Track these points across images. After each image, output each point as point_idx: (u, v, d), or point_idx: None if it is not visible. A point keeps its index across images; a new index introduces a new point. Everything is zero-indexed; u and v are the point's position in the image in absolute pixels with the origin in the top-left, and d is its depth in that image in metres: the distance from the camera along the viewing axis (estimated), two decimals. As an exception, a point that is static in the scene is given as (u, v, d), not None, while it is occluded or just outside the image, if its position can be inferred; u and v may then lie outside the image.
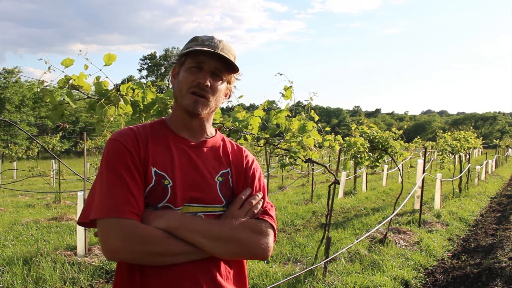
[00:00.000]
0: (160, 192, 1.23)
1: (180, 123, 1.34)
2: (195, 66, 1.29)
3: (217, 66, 1.30)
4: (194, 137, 1.35)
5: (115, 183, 1.19)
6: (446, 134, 11.14)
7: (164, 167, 1.25)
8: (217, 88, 1.31)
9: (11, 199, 11.04)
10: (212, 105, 1.32)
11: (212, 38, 1.32)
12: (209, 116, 1.38)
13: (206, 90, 1.28)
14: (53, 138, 15.40)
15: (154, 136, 1.32)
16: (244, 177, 1.39)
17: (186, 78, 1.29)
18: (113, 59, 2.36)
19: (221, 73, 1.32)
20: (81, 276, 4.34)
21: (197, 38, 1.33)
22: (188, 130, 1.35)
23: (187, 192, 1.26)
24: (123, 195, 1.18)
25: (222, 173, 1.34)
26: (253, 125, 3.23)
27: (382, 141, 5.90)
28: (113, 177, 1.20)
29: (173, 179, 1.25)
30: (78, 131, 30.93)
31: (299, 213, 8.32)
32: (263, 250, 1.27)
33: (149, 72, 68.09)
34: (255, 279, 4.31)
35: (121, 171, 1.20)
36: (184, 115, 1.32)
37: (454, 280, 4.51)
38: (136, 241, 1.14)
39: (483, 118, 78.37)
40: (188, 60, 1.31)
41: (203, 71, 1.29)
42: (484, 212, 8.60)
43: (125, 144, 1.24)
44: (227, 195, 1.33)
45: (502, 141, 36.22)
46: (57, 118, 2.33)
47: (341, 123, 69.65)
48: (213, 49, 1.28)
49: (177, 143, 1.32)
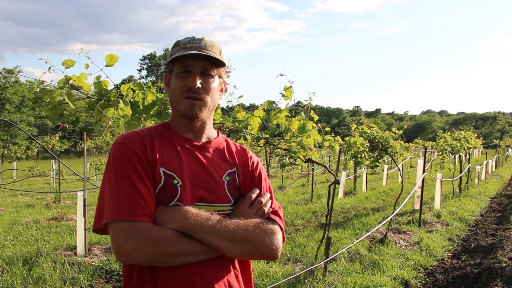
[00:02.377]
0: (169, 191, 1.25)
1: (182, 125, 1.36)
2: (183, 71, 1.31)
3: (204, 66, 1.31)
4: (197, 138, 1.38)
5: (124, 186, 1.20)
6: (446, 134, 11.13)
7: (172, 167, 1.27)
8: (210, 87, 1.33)
9: (11, 199, 11.04)
10: (209, 104, 1.33)
11: (193, 39, 1.33)
12: (209, 115, 1.39)
13: (199, 92, 1.30)
14: (52, 138, 15.41)
15: (160, 137, 1.33)
16: (251, 177, 1.40)
17: (177, 85, 1.31)
18: (115, 60, 2.35)
19: (210, 71, 1.33)
20: (81, 276, 4.34)
21: (179, 43, 1.34)
22: (191, 131, 1.37)
23: (196, 191, 1.28)
24: (134, 197, 1.18)
25: (229, 172, 1.36)
26: (253, 125, 3.23)
27: (382, 141, 5.90)
28: (121, 180, 1.21)
29: (182, 178, 1.27)
30: (78, 131, 30.92)
31: (299, 213, 8.32)
32: (274, 251, 1.28)
33: (148, 72, 68.05)
34: (255, 279, 4.31)
35: (129, 173, 1.21)
36: (184, 119, 1.34)
37: (454, 280, 4.50)
38: (150, 243, 1.15)
39: (483, 118, 78.37)
40: (175, 67, 1.33)
41: (192, 74, 1.30)
42: (484, 212, 8.60)
43: (132, 146, 1.25)
44: (234, 194, 1.35)
45: (502, 141, 36.24)
46: (57, 118, 2.32)
47: (341, 123, 69.65)
48: (196, 50, 1.29)
49: (183, 144, 1.34)
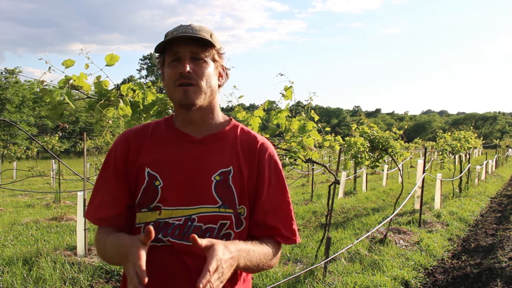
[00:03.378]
0: (151, 192, 1.25)
1: (183, 118, 1.31)
2: (173, 60, 1.25)
3: (192, 50, 1.24)
4: (198, 132, 1.30)
5: (99, 184, 1.33)
6: (446, 134, 11.13)
7: (157, 167, 1.26)
8: (203, 70, 1.25)
9: (11, 199, 11.03)
10: (205, 89, 1.25)
11: (180, 26, 1.28)
12: (209, 104, 1.30)
13: (191, 77, 1.22)
14: (52, 138, 15.40)
15: (155, 135, 1.32)
16: (256, 175, 1.30)
17: (169, 74, 1.25)
18: (116, 60, 2.35)
19: (200, 54, 1.25)
20: (81, 276, 4.33)
21: (168, 34, 1.29)
22: (191, 125, 1.30)
23: (179, 193, 1.24)
24: (102, 198, 1.31)
25: (221, 171, 1.27)
26: (253, 125, 3.23)
27: (382, 141, 5.90)
28: (98, 179, 1.34)
29: (166, 179, 1.25)
30: (78, 131, 30.93)
31: (299, 213, 8.31)
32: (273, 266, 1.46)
33: (148, 72, 67.99)
34: (255, 279, 4.30)
35: (104, 173, 1.33)
36: (182, 110, 1.28)
37: (454, 280, 4.50)
38: (96, 250, 1.32)
39: (483, 118, 78.39)
40: (166, 57, 1.28)
41: (181, 61, 1.24)
42: (484, 212, 8.60)
43: (115, 148, 1.33)
44: (224, 195, 1.25)
45: (502, 141, 36.25)
46: (56, 118, 2.33)
47: (341, 123, 69.61)
48: (182, 34, 1.23)
49: (179, 141, 1.30)
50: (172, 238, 1.23)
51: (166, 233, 1.23)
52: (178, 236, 1.23)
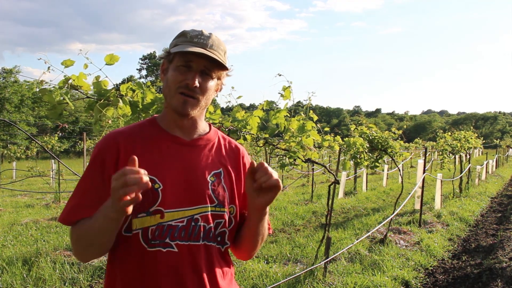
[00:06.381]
0: (150, 196, 1.21)
1: (172, 121, 1.31)
2: (183, 65, 1.24)
3: (206, 65, 1.25)
4: (186, 135, 1.32)
5: (84, 186, 1.26)
6: (447, 134, 11.12)
7: (153, 170, 1.22)
8: (207, 87, 1.27)
9: (10, 199, 11.02)
10: (202, 104, 1.28)
11: (201, 34, 1.26)
12: (200, 114, 1.34)
13: (195, 91, 1.24)
14: (52, 138, 15.40)
15: (144, 138, 1.29)
16: (243, 176, 1.38)
17: (175, 78, 1.24)
18: (116, 60, 2.34)
19: (211, 71, 1.27)
20: (81, 276, 4.33)
21: (186, 34, 1.27)
22: (180, 128, 1.31)
23: (178, 194, 1.24)
24: (87, 201, 1.23)
25: (214, 173, 1.31)
26: (252, 125, 3.22)
27: (381, 141, 5.89)
28: (84, 181, 1.27)
29: (163, 181, 1.23)
30: (78, 131, 30.92)
31: (299, 213, 8.31)
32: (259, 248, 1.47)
33: (148, 72, 67.98)
34: (255, 279, 4.30)
35: (90, 174, 1.26)
36: (174, 114, 1.29)
37: (455, 280, 4.50)
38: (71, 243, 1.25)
39: (484, 118, 78.43)
40: (176, 58, 1.26)
41: (192, 71, 1.24)
42: (484, 212, 8.59)
43: (102, 149, 1.26)
44: (220, 195, 1.30)
45: (503, 141, 36.29)
46: (56, 118, 2.32)
47: (341, 123, 69.54)
48: (202, 46, 1.24)
49: (169, 143, 1.29)
50: (180, 241, 1.23)
51: (173, 236, 1.22)
52: (185, 238, 1.23)
